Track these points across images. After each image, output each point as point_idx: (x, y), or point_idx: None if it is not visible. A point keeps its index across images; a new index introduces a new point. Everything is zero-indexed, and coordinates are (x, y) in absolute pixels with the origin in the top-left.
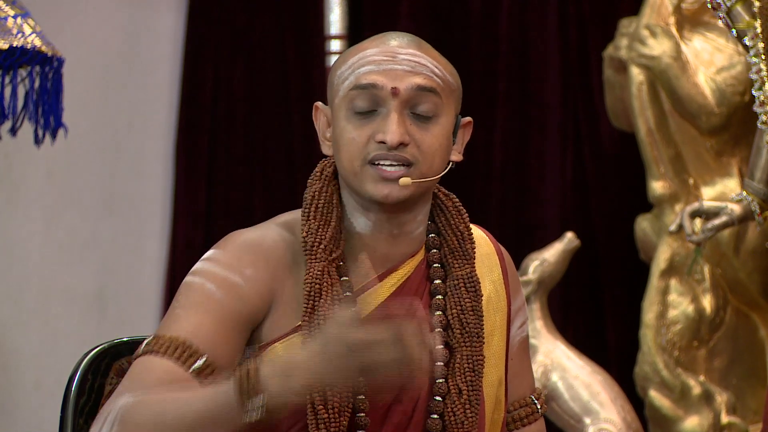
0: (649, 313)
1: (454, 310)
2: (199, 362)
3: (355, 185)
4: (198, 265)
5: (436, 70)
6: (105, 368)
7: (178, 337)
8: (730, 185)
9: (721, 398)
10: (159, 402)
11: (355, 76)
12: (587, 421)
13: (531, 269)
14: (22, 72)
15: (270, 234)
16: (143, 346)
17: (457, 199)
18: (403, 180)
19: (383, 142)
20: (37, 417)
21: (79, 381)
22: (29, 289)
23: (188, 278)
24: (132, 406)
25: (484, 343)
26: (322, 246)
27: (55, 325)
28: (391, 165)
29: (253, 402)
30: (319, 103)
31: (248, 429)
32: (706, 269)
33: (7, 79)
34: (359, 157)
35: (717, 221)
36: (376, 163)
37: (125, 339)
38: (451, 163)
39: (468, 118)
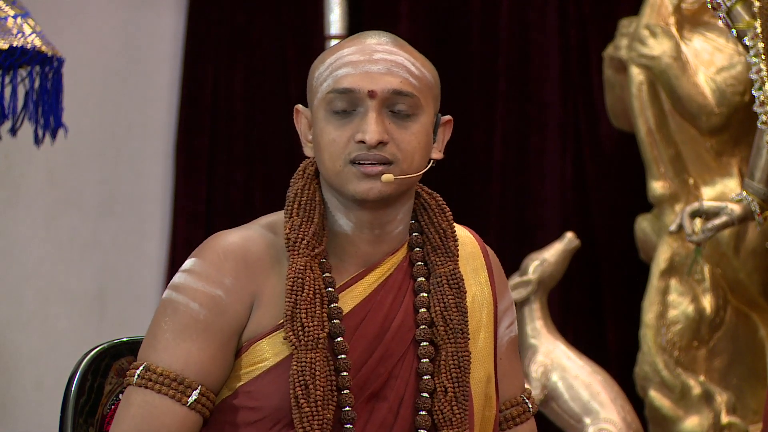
0: (649, 313)
1: (438, 308)
2: (195, 394)
3: (337, 185)
4: (179, 278)
5: (413, 69)
6: (105, 368)
7: (170, 371)
8: (730, 185)
9: (721, 398)
10: None
11: (333, 79)
12: (587, 421)
13: (531, 269)
14: (22, 72)
15: (250, 234)
16: (137, 373)
17: (440, 198)
18: (386, 176)
19: (363, 142)
20: (37, 417)
21: (79, 381)
22: (29, 289)
23: (172, 295)
24: None
25: (469, 340)
26: (305, 242)
27: (55, 325)
28: (371, 164)
29: None
30: (300, 106)
31: None
32: (706, 269)
33: (7, 79)
34: (340, 157)
35: (717, 221)
36: (358, 162)
37: (125, 339)
38: (432, 161)
39: (448, 117)
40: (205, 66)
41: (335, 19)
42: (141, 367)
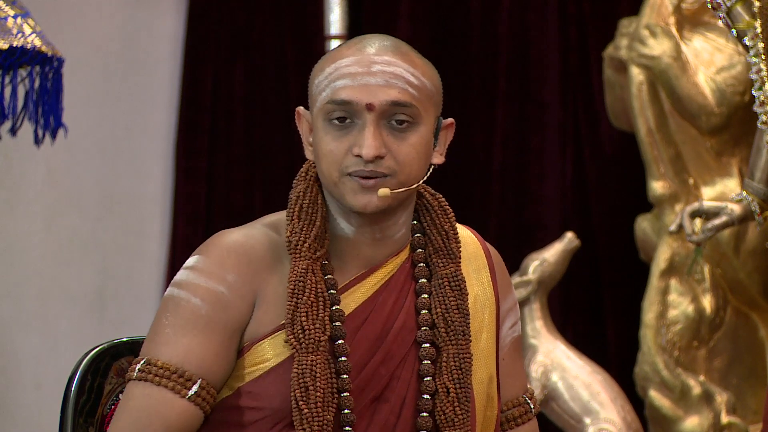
0: (649, 313)
1: (439, 309)
2: (195, 387)
3: (336, 194)
4: (182, 275)
5: (412, 79)
6: (105, 368)
7: (170, 365)
8: (730, 185)
9: (721, 398)
10: None
11: (331, 90)
12: (587, 421)
13: (531, 269)
14: (22, 72)
15: (253, 233)
16: (137, 367)
17: (443, 199)
18: (382, 191)
19: (360, 156)
20: (37, 417)
21: (79, 381)
22: (29, 289)
23: (174, 291)
24: None
25: (470, 341)
26: (306, 245)
27: (55, 325)
28: (367, 178)
29: None
30: (301, 109)
31: None
32: (706, 269)
33: (7, 79)
34: (337, 169)
35: (717, 221)
36: (355, 175)
37: (125, 339)
38: (432, 167)
39: (450, 120)
40: (205, 66)
41: (335, 19)
42: (141, 362)
